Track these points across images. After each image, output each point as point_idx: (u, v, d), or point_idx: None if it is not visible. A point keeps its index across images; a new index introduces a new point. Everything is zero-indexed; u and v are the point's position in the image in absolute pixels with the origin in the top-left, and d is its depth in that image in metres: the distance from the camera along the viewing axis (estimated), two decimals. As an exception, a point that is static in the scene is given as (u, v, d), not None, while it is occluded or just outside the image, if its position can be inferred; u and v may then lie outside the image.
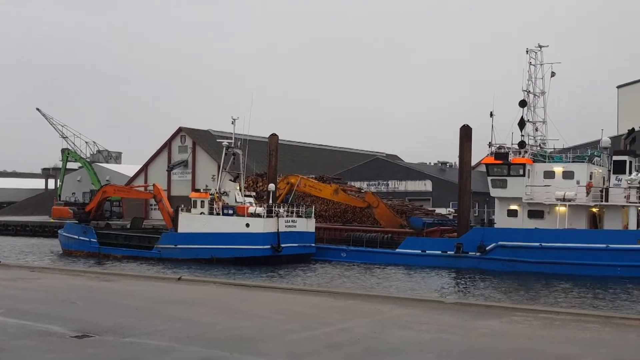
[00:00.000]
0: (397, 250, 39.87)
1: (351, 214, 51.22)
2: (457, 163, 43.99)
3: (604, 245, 34.11)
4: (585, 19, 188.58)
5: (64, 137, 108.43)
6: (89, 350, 9.52)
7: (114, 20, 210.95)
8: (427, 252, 38.79)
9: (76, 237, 46.14)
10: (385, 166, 73.58)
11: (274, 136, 48.40)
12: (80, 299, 14.27)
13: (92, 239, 45.06)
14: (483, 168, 44.12)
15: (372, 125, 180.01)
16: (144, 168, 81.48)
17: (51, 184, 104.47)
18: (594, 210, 37.25)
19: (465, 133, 40.38)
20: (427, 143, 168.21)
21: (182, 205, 42.80)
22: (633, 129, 41.97)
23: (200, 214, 40.62)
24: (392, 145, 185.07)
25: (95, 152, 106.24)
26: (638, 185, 35.71)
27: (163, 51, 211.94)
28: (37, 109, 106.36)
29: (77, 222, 49.21)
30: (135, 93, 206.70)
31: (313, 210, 43.36)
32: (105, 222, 53.87)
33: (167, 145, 79.69)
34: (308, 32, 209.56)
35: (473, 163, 47.59)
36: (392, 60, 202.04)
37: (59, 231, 49.35)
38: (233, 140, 42.58)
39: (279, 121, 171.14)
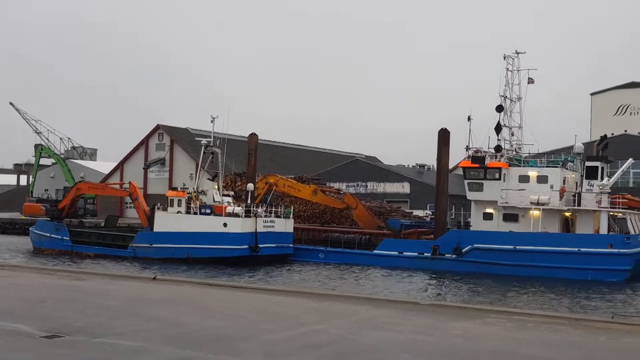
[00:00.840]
0: (375, 251, 40.04)
1: (330, 215, 51.28)
2: (435, 166, 44.40)
3: (576, 249, 34.85)
4: (561, 33, 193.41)
5: (37, 133, 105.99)
6: (58, 350, 9.29)
7: (97, 15, 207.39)
8: (404, 253, 39.07)
9: (48, 234, 45.14)
10: (364, 168, 73.90)
11: (253, 135, 48.16)
12: (51, 298, 13.96)
13: (64, 237, 44.14)
14: (460, 171, 44.62)
15: (371, 127, 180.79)
16: (120, 165, 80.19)
17: (23, 180, 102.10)
18: (567, 214, 38.02)
19: (443, 137, 40.81)
20: (408, 147, 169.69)
21: (159, 204, 42.26)
22: (605, 135, 43.00)
23: (177, 212, 40.15)
24: (387, 148, 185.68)
25: (69, 149, 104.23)
26: (609, 191, 36.61)
27: (155, 48, 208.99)
28: (11, 103, 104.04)
29: (49, 219, 48.17)
30: (115, 90, 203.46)
31: (292, 210, 43.24)
32: (78, 219, 52.80)
33: (145, 142, 78.56)
34: (308, 32, 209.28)
35: (450, 166, 48.12)
36: (393, 61, 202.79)
37: (31, 228, 48.24)
38: (212, 139, 42.21)
39: (277, 120, 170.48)
